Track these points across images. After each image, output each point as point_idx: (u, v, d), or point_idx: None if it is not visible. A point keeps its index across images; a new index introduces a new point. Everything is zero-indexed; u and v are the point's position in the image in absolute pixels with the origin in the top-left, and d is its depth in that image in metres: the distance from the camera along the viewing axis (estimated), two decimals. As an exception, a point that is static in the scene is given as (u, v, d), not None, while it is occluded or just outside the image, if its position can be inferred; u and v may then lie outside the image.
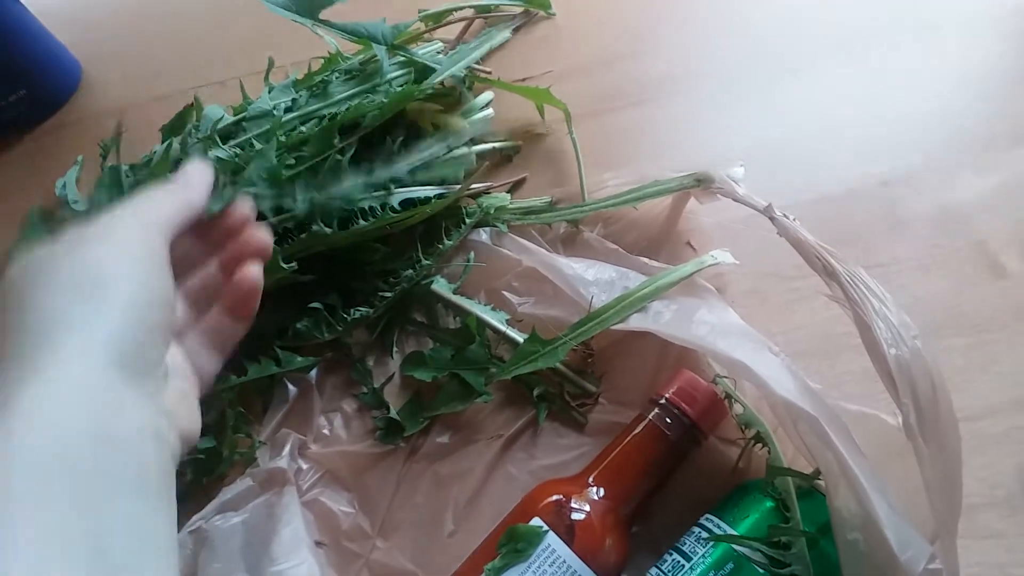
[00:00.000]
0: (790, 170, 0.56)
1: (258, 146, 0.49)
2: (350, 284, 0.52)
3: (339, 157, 0.49)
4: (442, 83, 0.56)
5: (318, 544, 0.44)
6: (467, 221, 0.53)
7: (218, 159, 0.47)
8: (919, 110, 0.58)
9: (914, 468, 0.35)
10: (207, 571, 0.41)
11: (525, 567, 0.39)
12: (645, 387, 0.48)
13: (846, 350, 0.49)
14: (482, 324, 0.49)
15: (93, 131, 0.62)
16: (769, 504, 0.40)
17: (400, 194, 0.51)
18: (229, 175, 0.46)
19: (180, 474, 0.46)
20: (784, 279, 0.51)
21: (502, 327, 0.49)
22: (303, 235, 0.48)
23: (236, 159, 0.47)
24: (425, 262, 0.51)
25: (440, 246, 0.52)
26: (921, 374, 0.34)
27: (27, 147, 0.64)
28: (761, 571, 0.37)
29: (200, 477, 0.48)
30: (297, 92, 0.53)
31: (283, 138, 0.49)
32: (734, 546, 0.38)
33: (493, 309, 0.50)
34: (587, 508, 0.40)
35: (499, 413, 0.49)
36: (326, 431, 0.49)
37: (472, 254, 0.52)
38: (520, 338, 0.48)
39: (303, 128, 0.51)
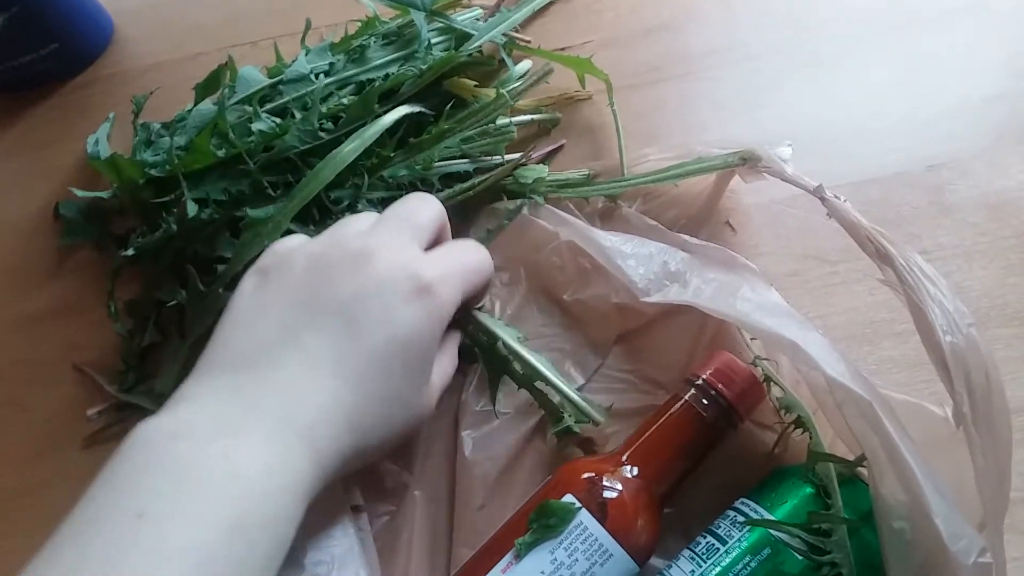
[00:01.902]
0: (834, 151, 0.54)
1: (297, 113, 0.49)
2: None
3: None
4: (481, 51, 0.55)
5: (357, 509, 0.44)
6: (505, 196, 0.52)
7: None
8: (970, 94, 0.56)
9: (958, 459, 0.35)
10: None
11: (556, 543, 0.38)
12: (679, 368, 0.47)
13: (887, 337, 0.48)
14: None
15: (125, 87, 0.62)
16: (809, 490, 0.39)
17: (441, 168, 0.50)
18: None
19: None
20: (826, 262, 0.50)
21: (513, 344, 0.47)
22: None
23: (276, 130, 0.47)
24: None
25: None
26: (976, 362, 0.34)
27: (59, 102, 0.63)
28: (799, 557, 0.36)
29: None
30: (334, 56, 0.52)
31: (321, 106, 0.48)
32: (771, 531, 0.37)
33: (507, 325, 0.48)
34: (620, 487, 0.40)
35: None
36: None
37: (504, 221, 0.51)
38: (531, 356, 0.46)
39: (340, 94, 0.51)
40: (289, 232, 0.46)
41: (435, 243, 0.43)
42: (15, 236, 0.57)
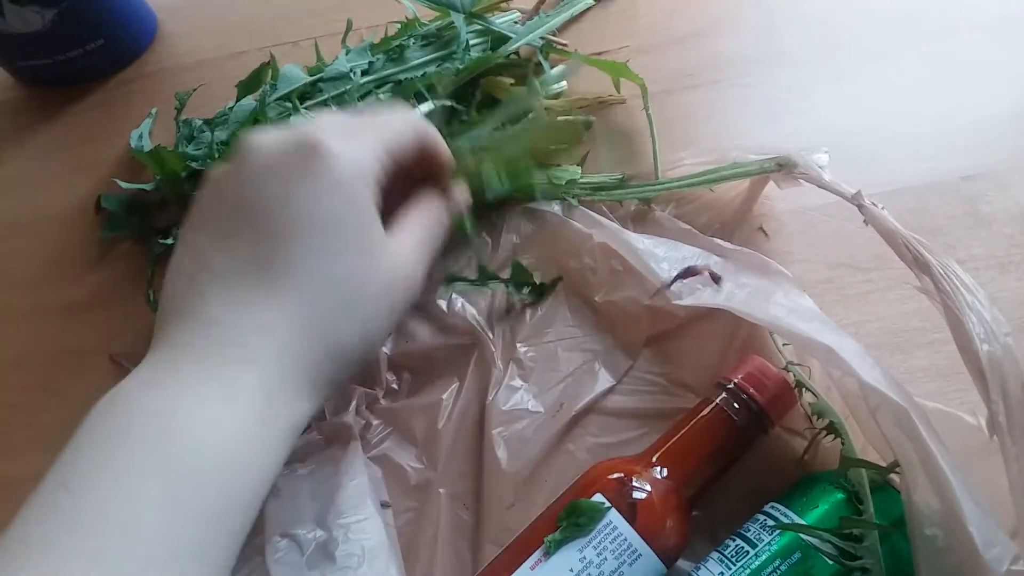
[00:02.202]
0: (868, 160, 0.54)
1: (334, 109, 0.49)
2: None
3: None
4: (518, 53, 0.56)
5: (383, 505, 0.44)
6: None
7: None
8: (1006, 105, 0.56)
9: (992, 469, 0.35)
10: (273, 520, 0.41)
11: (586, 542, 0.38)
12: (710, 372, 0.47)
13: (920, 346, 0.48)
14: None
15: (168, 84, 0.63)
16: (840, 496, 0.39)
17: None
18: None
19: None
20: (859, 270, 0.50)
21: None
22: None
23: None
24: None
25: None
26: (1012, 371, 0.33)
27: (102, 97, 0.64)
28: (829, 563, 0.36)
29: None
30: (373, 56, 0.53)
31: (359, 102, 0.49)
32: (802, 535, 0.37)
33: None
34: (649, 488, 0.40)
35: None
36: (395, 385, 0.49)
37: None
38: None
39: (378, 92, 0.51)
40: None
41: (420, 174, 0.41)
42: (58, 228, 0.58)
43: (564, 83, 0.56)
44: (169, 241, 0.50)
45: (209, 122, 0.54)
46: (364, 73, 0.52)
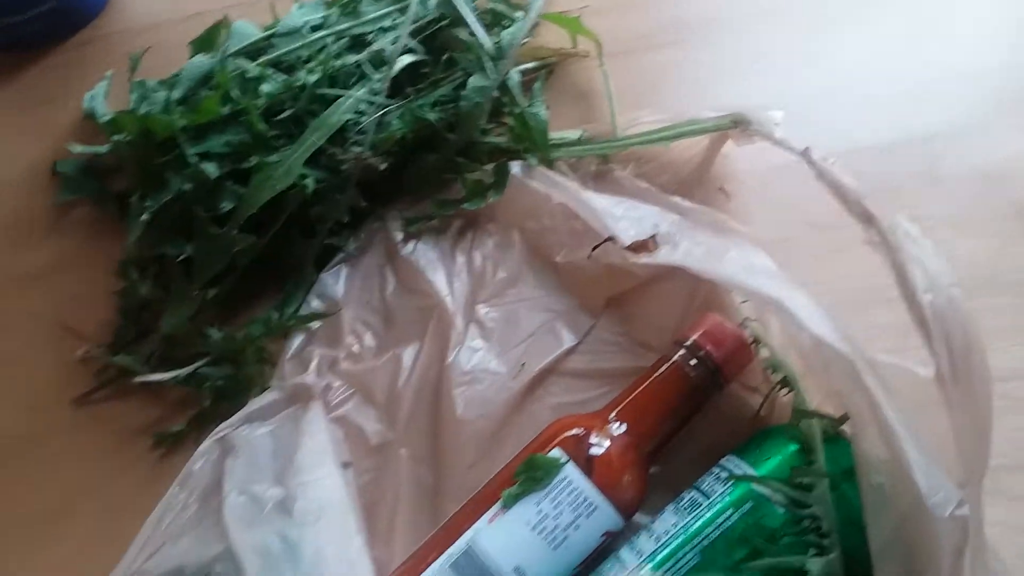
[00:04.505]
0: (829, 119, 0.54)
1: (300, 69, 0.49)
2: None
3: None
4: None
5: (345, 465, 0.45)
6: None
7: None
8: (967, 64, 0.56)
9: (942, 422, 0.35)
10: (232, 477, 0.41)
11: (543, 495, 0.39)
12: (670, 332, 0.47)
13: (879, 304, 0.47)
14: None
15: (122, 46, 0.61)
16: (793, 447, 0.39)
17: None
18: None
19: (198, 400, 0.48)
20: (819, 228, 0.50)
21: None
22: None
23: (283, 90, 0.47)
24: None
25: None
26: (956, 321, 0.34)
27: (56, 60, 0.63)
28: (781, 511, 0.37)
29: (219, 402, 0.48)
30: (328, 11, 0.53)
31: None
32: (754, 486, 0.38)
33: None
34: (607, 443, 0.40)
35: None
36: (356, 348, 0.49)
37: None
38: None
39: (332, 49, 0.51)
40: (303, 176, 0.47)
41: None
42: (12, 193, 0.57)
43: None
44: (146, 217, 0.49)
45: (163, 82, 0.53)
46: (318, 28, 0.51)
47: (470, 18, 0.51)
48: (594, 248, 0.47)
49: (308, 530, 0.38)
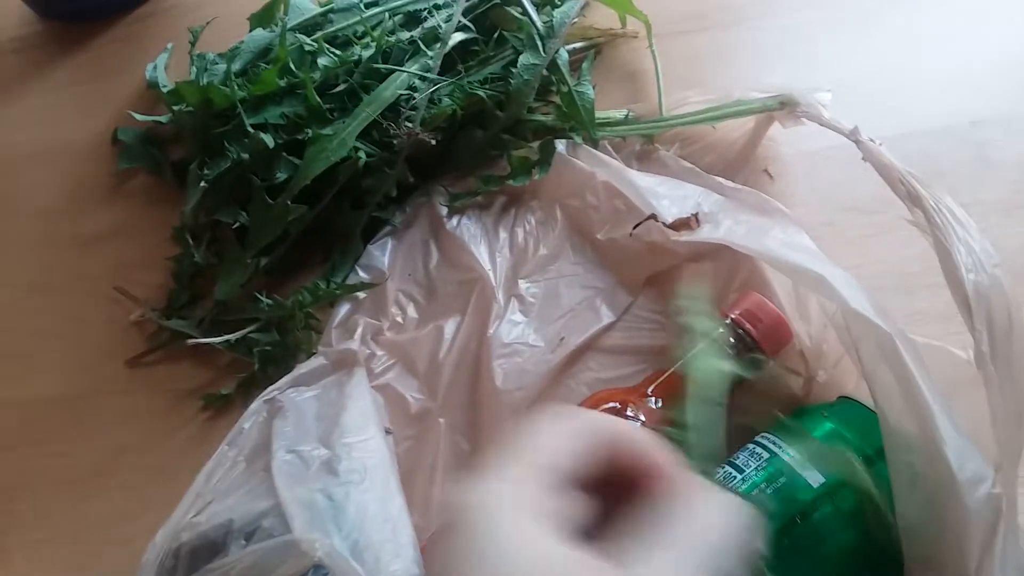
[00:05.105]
0: (879, 103, 0.54)
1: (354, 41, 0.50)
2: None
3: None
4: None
5: (386, 432, 0.46)
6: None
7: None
8: (1017, 50, 0.55)
9: (979, 403, 0.35)
10: (280, 437, 0.43)
11: (578, 467, 0.39)
12: (709, 310, 0.48)
13: (921, 288, 0.48)
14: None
15: (182, 20, 0.64)
16: (829, 426, 0.40)
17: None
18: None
19: (247, 365, 0.49)
20: (862, 213, 0.50)
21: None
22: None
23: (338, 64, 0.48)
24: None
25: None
26: (999, 302, 0.34)
27: (120, 32, 0.65)
28: (814, 486, 0.37)
29: (266, 367, 0.50)
30: (384, -14, 0.54)
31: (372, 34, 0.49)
32: (787, 460, 0.38)
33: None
34: (643, 417, 0.41)
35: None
36: (399, 319, 0.51)
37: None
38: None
39: (387, 25, 0.52)
40: (355, 149, 0.48)
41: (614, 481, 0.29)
42: (75, 160, 0.60)
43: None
44: (204, 185, 0.50)
45: (222, 55, 0.54)
46: (373, 4, 0.52)
47: (522, -4, 0.52)
48: (636, 226, 0.47)
49: (352, 489, 0.40)
